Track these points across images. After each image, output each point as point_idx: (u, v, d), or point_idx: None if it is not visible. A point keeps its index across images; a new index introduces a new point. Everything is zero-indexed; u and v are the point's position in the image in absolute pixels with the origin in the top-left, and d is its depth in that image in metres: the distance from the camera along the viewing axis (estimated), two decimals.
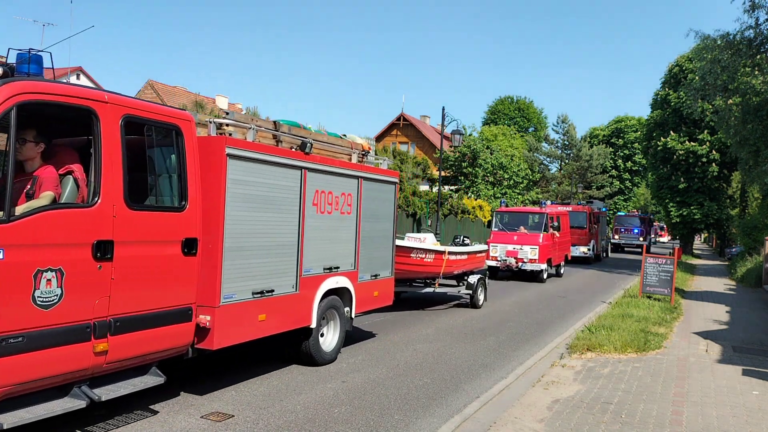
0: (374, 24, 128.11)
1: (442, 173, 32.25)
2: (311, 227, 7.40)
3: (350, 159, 8.59)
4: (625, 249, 42.95)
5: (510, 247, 19.82)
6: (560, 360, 8.83)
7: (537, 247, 19.57)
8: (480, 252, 14.77)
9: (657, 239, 68.51)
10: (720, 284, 22.44)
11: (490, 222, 21.48)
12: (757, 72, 18.76)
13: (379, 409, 6.40)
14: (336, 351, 8.20)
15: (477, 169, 40.01)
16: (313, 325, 7.54)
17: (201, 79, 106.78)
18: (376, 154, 10.01)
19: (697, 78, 21.66)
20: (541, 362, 8.73)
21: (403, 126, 52.82)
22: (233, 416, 5.92)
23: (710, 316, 13.80)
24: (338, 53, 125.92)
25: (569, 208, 28.85)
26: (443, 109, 24.95)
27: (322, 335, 7.97)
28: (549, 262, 20.25)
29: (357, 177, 8.45)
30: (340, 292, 8.20)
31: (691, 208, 36.39)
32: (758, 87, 18.87)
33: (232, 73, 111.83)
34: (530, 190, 44.36)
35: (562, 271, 22.43)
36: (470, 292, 13.65)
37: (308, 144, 7.28)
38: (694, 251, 45.06)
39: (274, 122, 7.26)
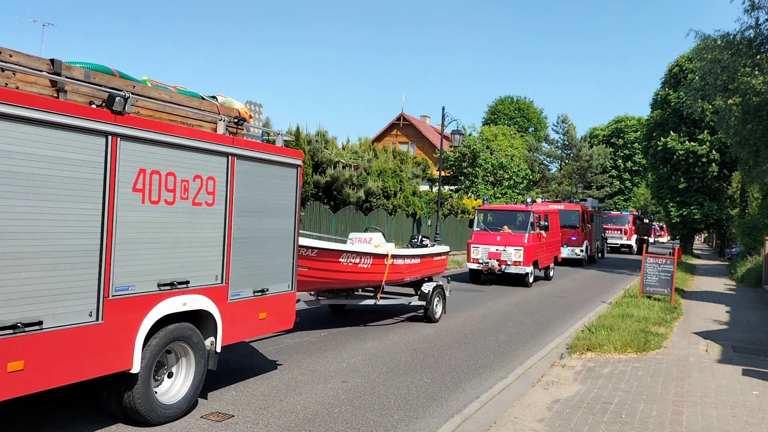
0: (375, 24, 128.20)
1: (442, 173, 32.27)
2: (131, 224, 5.13)
3: (216, 129, 6.29)
4: (621, 249, 42.87)
5: (492, 249, 18.26)
6: (560, 360, 8.84)
7: (521, 248, 18.03)
8: (438, 255, 12.41)
9: (656, 239, 68.38)
10: (720, 284, 22.45)
11: (471, 221, 20.67)
12: (757, 72, 18.77)
13: (379, 409, 6.40)
14: (188, 399, 5.84)
15: (477, 169, 40.07)
16: (136, 369, 5.19)
17: (201, 79, 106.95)
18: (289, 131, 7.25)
19: (697, 78, 21.67)
20: (541, 362, 8.74)
21: (403, 126, 52.85)
22: (233, 416, 5.92)
23: (710, 316, 13.81)
24: (339, 54, 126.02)
25: (560, 207, 27.44)
26: (443, 109, 25.02)
27: (158, 382, 5.69)
28: (535, 264, 18.86)
29: (225, 154, 6.08)
30: (196, 317, 5.93)
31: (691, 208, 36.44)
32: (758, 87, 18.89)
33: (232, 73, 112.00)
34: (530, 190, 44.44)
35: (551, 274, 21.12)
36: (424, 303, 11.36)
37: (120, 99, 4.89)
38: (694, 251, 45.11)
39: (51, 60, 4.84)
